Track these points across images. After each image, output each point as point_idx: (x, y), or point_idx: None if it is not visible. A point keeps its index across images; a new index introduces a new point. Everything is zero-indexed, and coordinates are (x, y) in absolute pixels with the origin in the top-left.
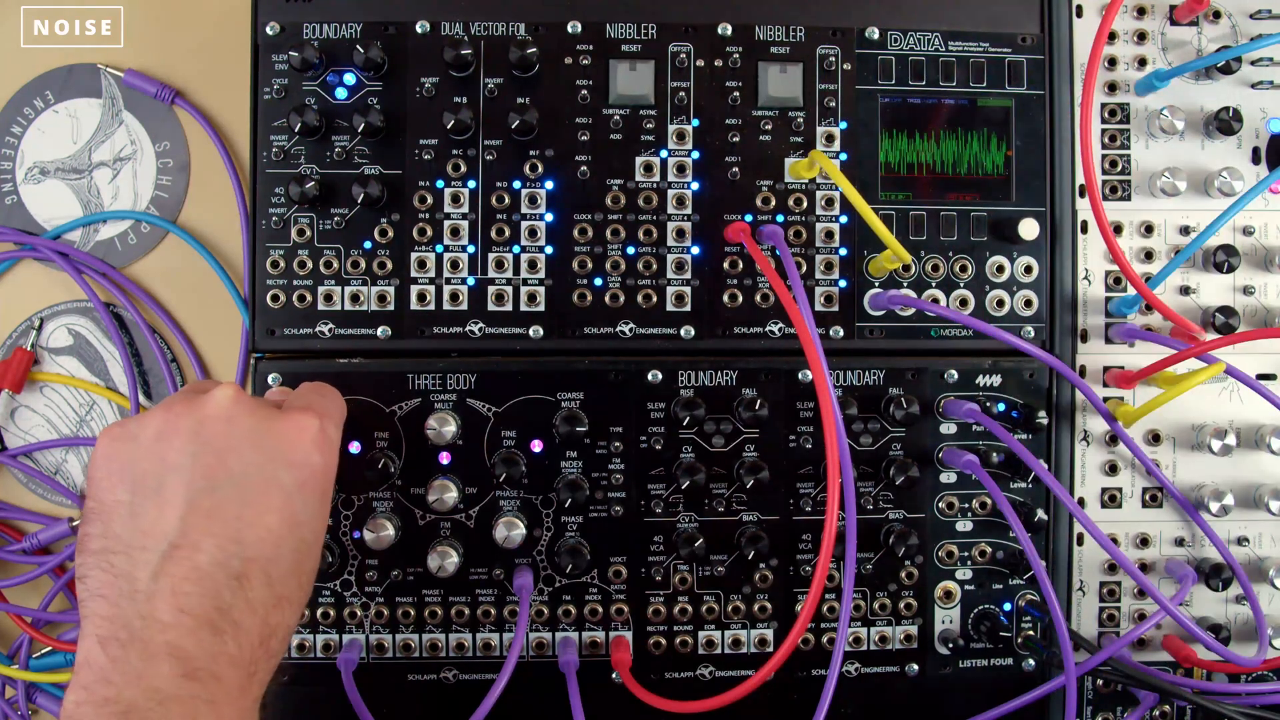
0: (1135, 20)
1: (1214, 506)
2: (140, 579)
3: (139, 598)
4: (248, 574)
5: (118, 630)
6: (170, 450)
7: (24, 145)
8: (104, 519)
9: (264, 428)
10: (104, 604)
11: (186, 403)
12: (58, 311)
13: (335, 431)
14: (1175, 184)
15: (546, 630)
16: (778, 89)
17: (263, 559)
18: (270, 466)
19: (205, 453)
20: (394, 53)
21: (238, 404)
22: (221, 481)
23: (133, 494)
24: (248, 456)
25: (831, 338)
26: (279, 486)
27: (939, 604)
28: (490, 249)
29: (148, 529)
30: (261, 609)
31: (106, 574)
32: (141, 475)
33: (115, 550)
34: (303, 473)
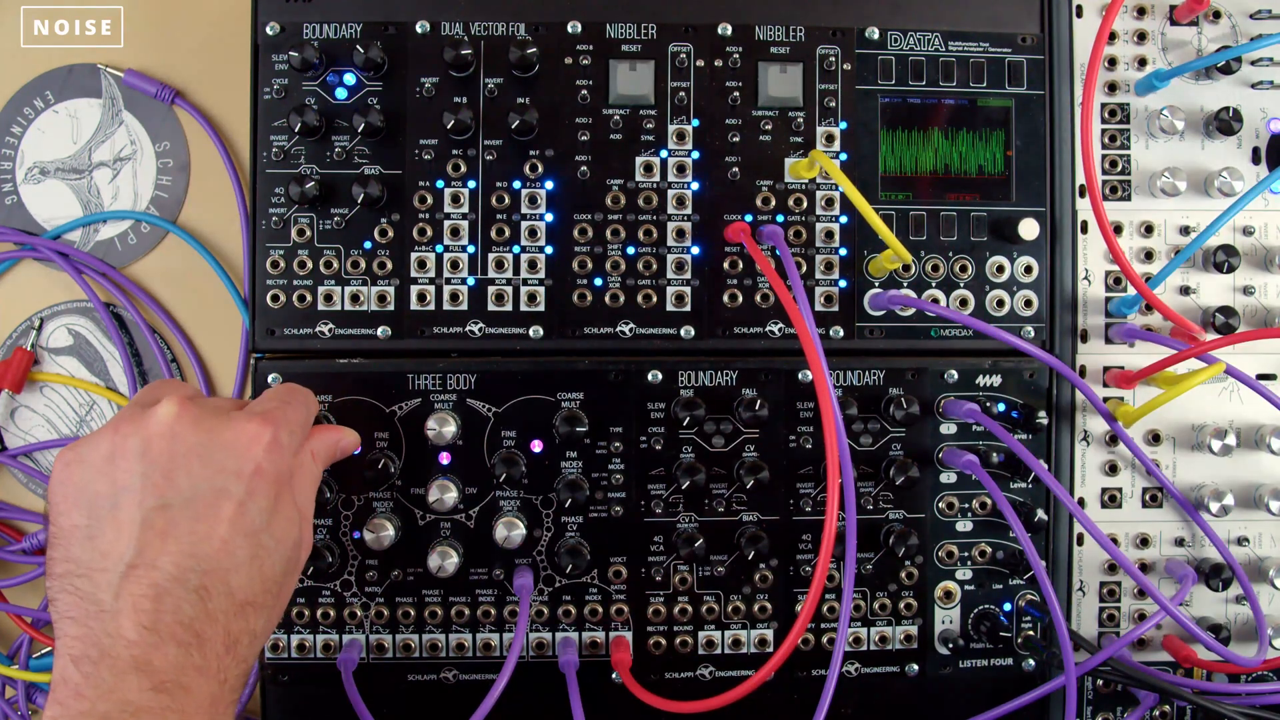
0: (1135, 20)
1: (1214, 506)
2: (104, 599)
3: (105, 617)
4: (206, 586)
5: (88, 648)
6: (119, 471)
7: (24, 145)
8: (64, 543)
9: (210, 440)
10: (73, 625)
11: (133, 420)
12: (58, 311)
13: (290, 437)
14: (1175, 184)
15: (546, 630)
16: (778, 89)
17: (220, 570)
18: (219, 478)
19: (153, 471)
20: (394, 53)
21: (181, 419)
22: (171, 498)
23: (89, 517)
24: (195, 471)
25: (831, 338)
26: (228, 497)
27: (939, 604)
28: (490, 249)
29: (106, 550)
30: (223, 619)
31: (72, 596)
32: (94, 498)
33: (77, 574)
34: (254, 481)
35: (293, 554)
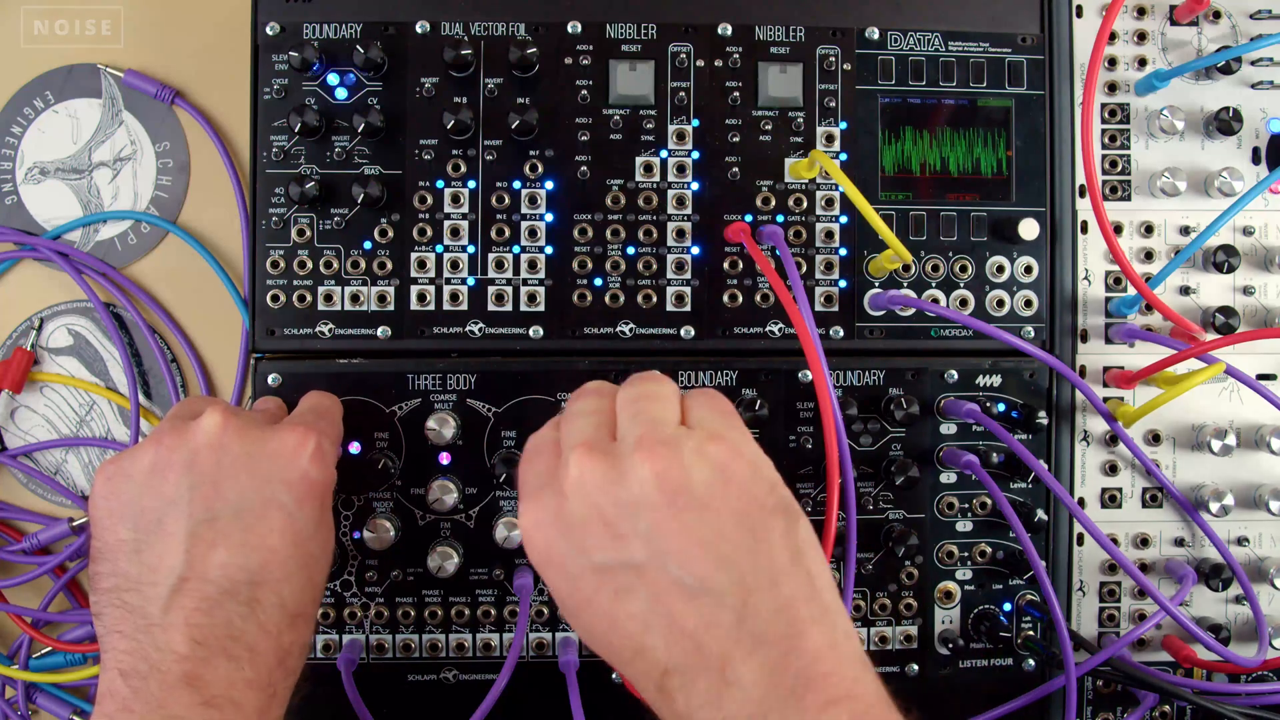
0: (1135, 20)
1: (1214, 506)
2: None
3: (154, 631)
4: (258, 598)
5: (137, 663)
6: (166, 485)
7: (24, 145)
8: (110, 558)
9: (256, 450)
10: (121, 639)
11: (176, 433)
12: (58, 311)
13: (331, 446)
14: (1175, 184)
15: (546, 630)
16: (778, 89)
17: (272, 581)
18: (267, 488)
19: (201, 484)
20: (394, 53)
21: (227, 429)
22: (220, 510)
23: (135, 531)
24: (244, 482)
25: (831, 338)
26: (279, 507)
27: (939, 604)
28: (490, 249)
29: (154, 564)
30: (275, 630)
31: (120, 610)
32: (141, 512)
33: (125, 588)
34: (301, 489)
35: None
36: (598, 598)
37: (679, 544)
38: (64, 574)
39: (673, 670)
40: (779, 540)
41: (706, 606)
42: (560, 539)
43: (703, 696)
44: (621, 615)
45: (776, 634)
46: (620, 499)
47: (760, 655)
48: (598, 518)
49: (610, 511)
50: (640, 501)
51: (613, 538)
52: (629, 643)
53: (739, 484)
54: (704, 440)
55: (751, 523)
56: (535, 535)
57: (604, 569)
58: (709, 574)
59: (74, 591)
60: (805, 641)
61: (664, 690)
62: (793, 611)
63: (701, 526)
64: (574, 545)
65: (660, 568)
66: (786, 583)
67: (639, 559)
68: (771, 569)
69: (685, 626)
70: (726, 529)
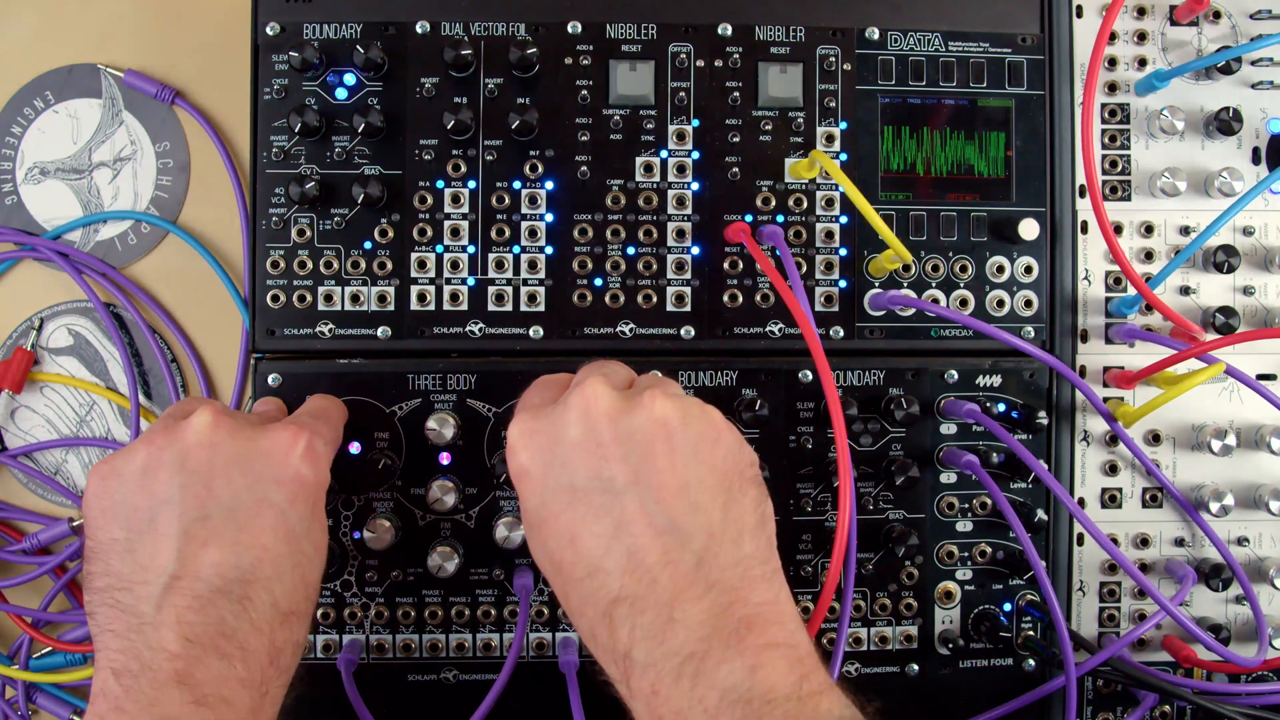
0: (1135, 20)
1: (1214, 506)
2: (145, 612)
3: (146, 629)
4: (250, 596)
5: (129, 661)
6: (157, 484)
7: (24, 145)
8: (103, 557)
9: (248, 448)
10: (114, 638)
11: (168, 432)
12: (58, 311)
13: (325, 447)
14: (1175, 184)
15: (546, 630)
16: (778, 89)
17: (264, 579)
18: (259, 486)
19: (193, 482)
20: (394, 53)
21: (218, 428)
22: (212, 509)
23: (127, 531)
24: (236, 480)
25: (831, 338)
26: (270, 505)
27: (939, 604)
28: (490, 249)
29: (146, 563)
30: (267, 629)
31: (113, 609)
32: (133, 511)
33: (118, 587)
34: (293, 487)
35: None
36: (567, 514)
37: (662, 481)
38: (64, 574)
39: (623, 599)
40: (750, 506)
41: (671, 545)
42: (548, 450)
43: (647, 629)
44: (586, 535)
45: (729, 583)
46: (621, 427)
47: (710, 599)
48: (593, 439)
49: (607, 436)
50: (639, 434)
51: (602, 459)
52: (585, 563)
53: (727, 448)
54: (707, 408)
55: (730, 483)
56: (523, 444)
57: (583, 489)
58: (682, 516)
59: (74, 591)
60: (753, 594)
61: (609, 618)
62: (748, 568)
63: (687, 471)
64: (560, 459)
65: (638, 499)
66: (748, 542)
67: (620, 485)
68: (739, 527)
69: (646, 559)
70: (708, 481)
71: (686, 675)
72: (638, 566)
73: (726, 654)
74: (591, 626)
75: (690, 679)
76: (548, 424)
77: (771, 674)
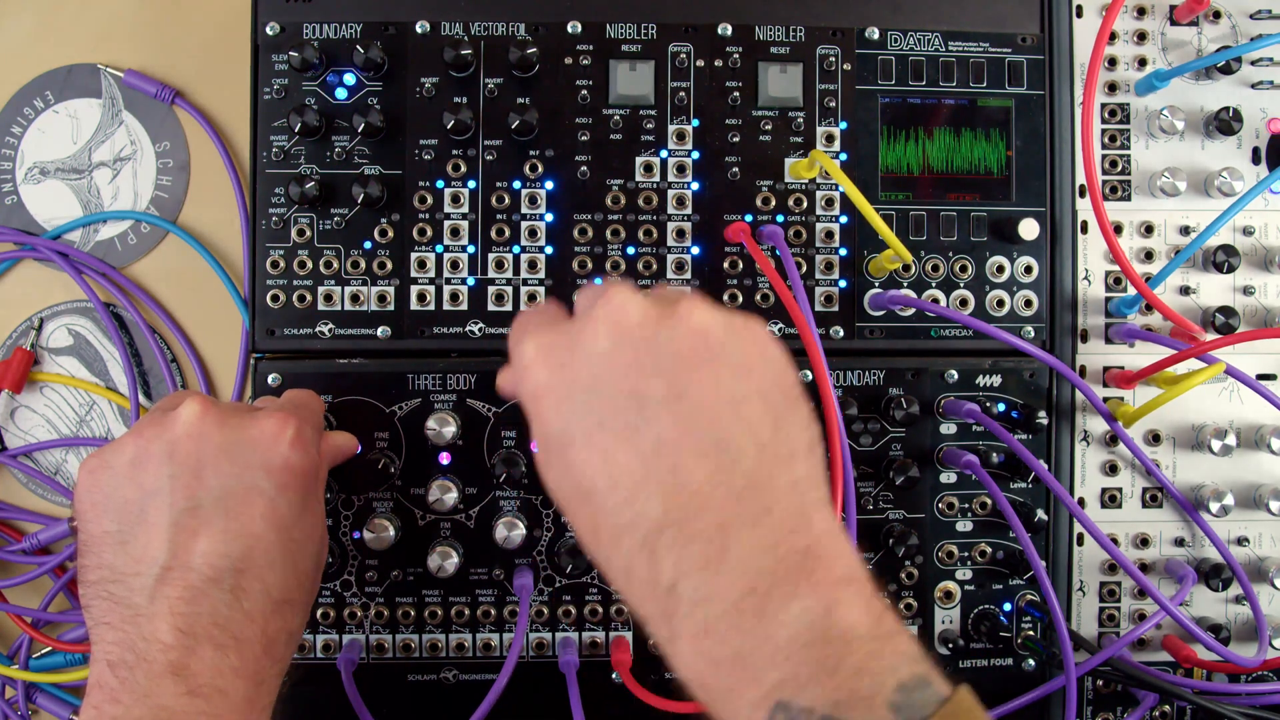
0: (1135, 20)
1: (1214, 506)
2: (139, 603)
3: (140, 621)
4: (242, 585)
5: (124, 653)
6: (147, 475)
7: (24, 145)
8: (96, 550)
9: (236, 437)
10: (108, 630)
11: (156, 424)
12: (58, 311)
13: (313, 433)
14: (1175, 184)
15: (546, 630)
16: (778, 89)
17: (256, 568)
18: (248, 474)
19: (182, 473)
20: (394, 53)
21: (205, 418)
22: (202, 498)
23: (119, 523)
24: (224, 469)
25: (831, 338)
26: (260, 493)
27: (939, 604)
28: (490, 249)
29: (138, 555)
30: (261, 618)
31: (107, 602)
32: (123, 503)
33: (111, 579)
34: (283, 475)
35: (320, 550)
36: (598, 435)
37: (707, 396)
38: (64, 574)
39: (667, 526)
40: (801, 425)
41: (720, 465)
42: (572, 367)
43: (696, 559)
44: (621, 457)
45: (787, 508)
46: (658, 339)
47: (768, 525)
48: (626, 352)
49: (642, 348)
50: (677, 345)
51: (637, 374)
52: (621, 489)
53: (775, 366)
54: (750, 319)
55: (778, 401)
56: (541, 360)
57: (615, 407)
58: (730, 433)
59: (73, 591)
60: (813, 523)
61: (650, 549)
62: (804, 491)
63: (734, 386)
64: (588, 376)
65: (679, 415)
66: (801, 464)
67: (658, 401)
68: (790, 447)
69: (692, 481)
70: (755, 398)
71: (748, 612)
72: (683, 489)
73: (796, 589)
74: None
75: (753, 616)
76: (569, 339)
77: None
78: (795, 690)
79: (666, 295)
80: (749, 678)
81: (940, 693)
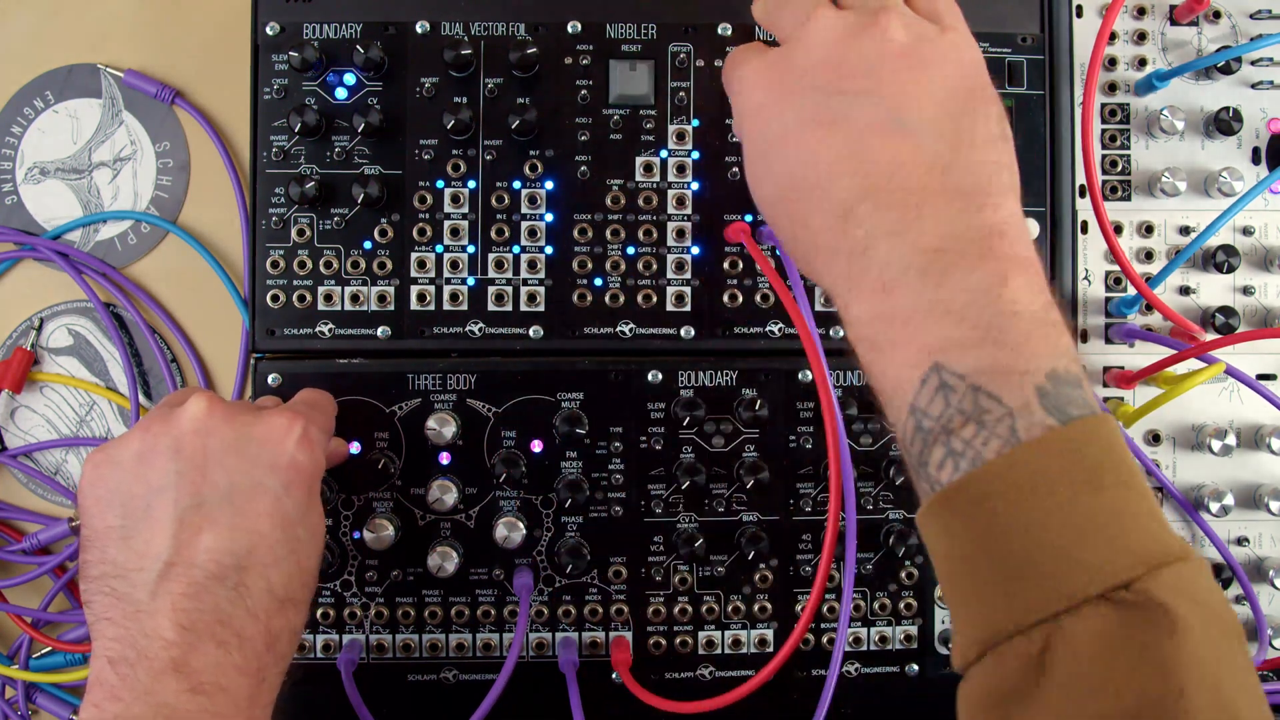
0: (1135, 20)
1: (1214, 506)
2: (141, 599)
3: (142, 617)
4: (245, 583)
5: (125, 650)
6: (152, 471)
7: (24, 145)
8: (99, 545)
9: (243, 434)
10: (110, 626)
11: (162, 420)
12: (58, 311)
13: (319, 434)
14: (1175, 184)
15: (546, 630)
16: None
17: (260, 565)
18: (255, 472)
19: (188, 469)
20: (394, 53)
21: (212, 414)
22: (208, 495)
23: (123, 518)
24: (230, 466)
25: (832, 338)
26: (265, 491)
27: (939, 604)
28: (490, 249)
29: (142, 550)
30: (264, 615)
31: (109, 598)
32: (128, 499)
33: (114, 575)
34: (289, 474)
35: (321, 548)
36: (804, 130)
37: (901, 88)
38: (64, 574)
39: (866, 197)
40: (992, 116)
41: (919, 146)
42: (783, 83)
43: (891, 226)
44: (826, 146)
45: (974, 188)
46: (855, 48)
47: (957, 202)
48: (831, 62)
49: (840, 56)
50: (874, 53)
51: (840, 77)
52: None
53: (967, 65)
54: (944, 28)
55: (969, 94)
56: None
57: (819, 104)
58: (921, 120)
59: (74, 591)
60: (1000, 204)
61: (845, 219)
62: (992, 175)
63: (926, 80)
64: (799, 88)
65: (881, 107)
66: (990, 151)
67: (862, 98)
68: (980, 134)
69: (889, 160)
70: (946, 88)
71: (933, 272)
72: (881, 165)
73: (979, 259)
74: (815, 236)
75: (937, 276)
76: (781, 60)
77: (1021, 288)
78: (954, 353)
79: (868, 5)
80: (913, 335)
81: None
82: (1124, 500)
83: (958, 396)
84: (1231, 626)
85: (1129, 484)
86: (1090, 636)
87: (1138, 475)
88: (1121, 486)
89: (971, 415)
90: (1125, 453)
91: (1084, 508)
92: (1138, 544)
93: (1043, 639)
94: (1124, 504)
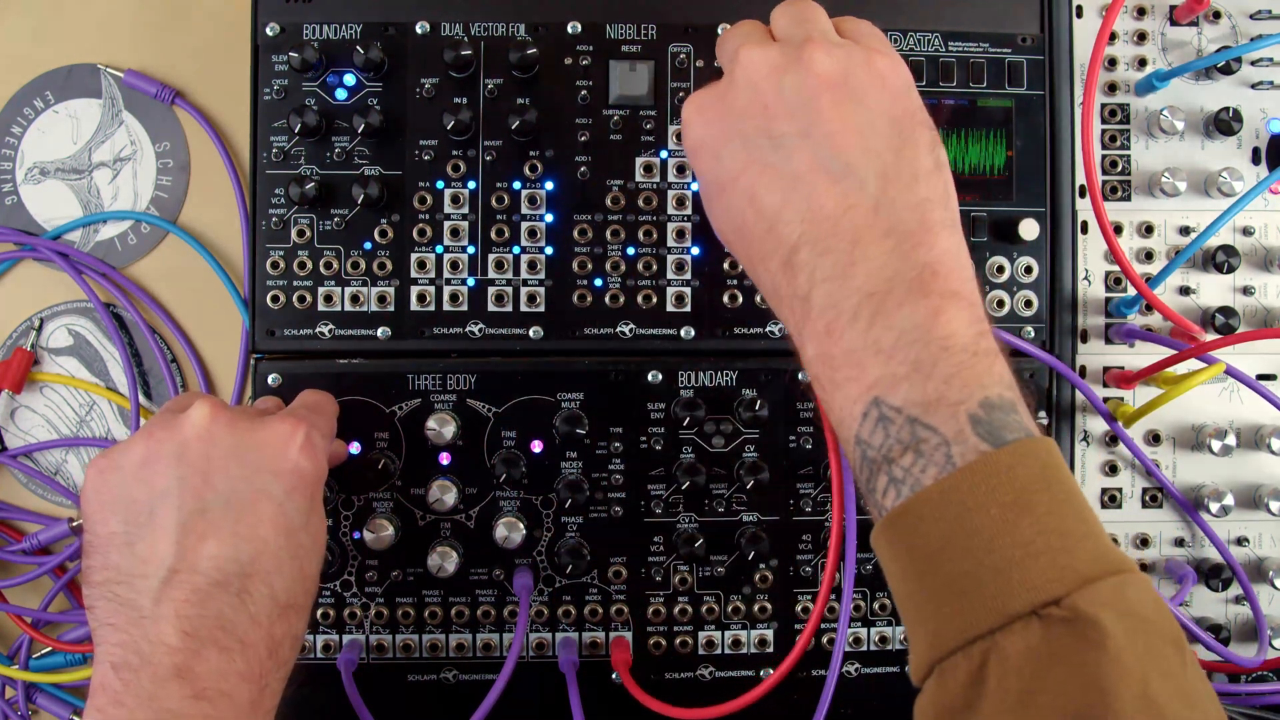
0: (1135, 20)
1: (1214, 507)
2: (144, 605)
3: (145, 623)
4: (248, 589)
5: (129, 655)
6: (156, 477)
7: (24, 145)
8: (102, 551)
9: (246, 440)
10: (113, 631)
11: (166, 426)
12: (58, 312)
13: (322, 439)
14: (1175, 184)
15: (546, 631)
16: None
17: (262, 572)
18: (258, 478)
19: (191, 475)
20: (394, 53)
21: (216, 420)
22: (211, 501)
23: (126, 524)
24: (233, 472)
25: None
26: (268, 497)
27: None
28: (490, 250)
29: (145, 557)
30: (266, 621)
31: (112, 603)
32: (132, 504)
33: (117, 580)
34: (291, 480)
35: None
36: (744, 176)
37: (831, 128)
38: (64, 574)
39: (803, 244)
40: (924, 147)
41: (848, 189)
42: (719, 121)
43: (828, 271)
44: (763, 192)
45: (909, 227)
46: (783, 85)
47: (892, 241)
48: (759, 102)
49: (771, 96)
50: (801, 88)
51: (769, 118)
52: (765, 219)
53: (895, 92)
54: (869, 51)
55: (901, 126)
56: (695, 119)
57: (755, 149)
58: (855, 159)
59: (74, 591)
60: (935, 240)
61: (790, 266)
62: (927, 212)
63: (855, 117)
64: (731, 127)
65: (809, 150)
66: (925, 186)
67: (791, 140)
68: (914, 169)
69: (824, 206)
70: (878, 124)
71: (864, 314)
72: (817, 213)
73: (908, 296)
74: (774, 280)
75: (868, 318)
76: (715, 98)
77: (953, 321)
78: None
79: (792, 39)
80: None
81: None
82: (1058, 518)
83: (896, 428)
84: (1166, 634)
85: (1065, 500)
86: (1021, 653)
87: (1074, 493)
88: (1055, 504)
89: (910, 444)
90: (1060, 471)
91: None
92: (1069, 560)
93: (980, 656)
94: (1057, 521)
